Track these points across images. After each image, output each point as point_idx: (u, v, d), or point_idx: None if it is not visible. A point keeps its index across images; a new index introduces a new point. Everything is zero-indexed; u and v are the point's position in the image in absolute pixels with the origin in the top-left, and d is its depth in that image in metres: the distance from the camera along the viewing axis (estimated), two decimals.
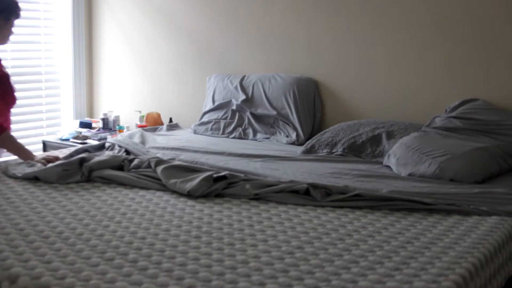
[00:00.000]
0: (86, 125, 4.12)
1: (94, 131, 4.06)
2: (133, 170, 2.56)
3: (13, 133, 2.78)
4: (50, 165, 2.58)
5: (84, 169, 2.53)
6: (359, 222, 2.03)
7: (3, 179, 2.49)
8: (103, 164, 2.57)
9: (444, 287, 1.51)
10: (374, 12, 3.38)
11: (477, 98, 3.06)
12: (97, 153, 2.92)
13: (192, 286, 1.50)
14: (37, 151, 3.79)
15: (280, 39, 3.70)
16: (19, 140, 2.78)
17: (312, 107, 3.54)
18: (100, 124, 4.14)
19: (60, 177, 2.48)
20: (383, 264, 1.65)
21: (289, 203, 2.24)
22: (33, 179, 2.51)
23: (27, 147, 2.85)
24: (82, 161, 2.58)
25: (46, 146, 4.04)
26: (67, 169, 2.52)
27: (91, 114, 4.55)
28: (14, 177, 2.53)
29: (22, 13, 2.72)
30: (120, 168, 2.59)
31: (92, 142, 3.70)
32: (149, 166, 2.56)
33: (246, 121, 3.64)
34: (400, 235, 1.90)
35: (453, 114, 2.99)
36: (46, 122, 4.33)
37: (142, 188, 2.42)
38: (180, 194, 2.33)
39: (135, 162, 2.61)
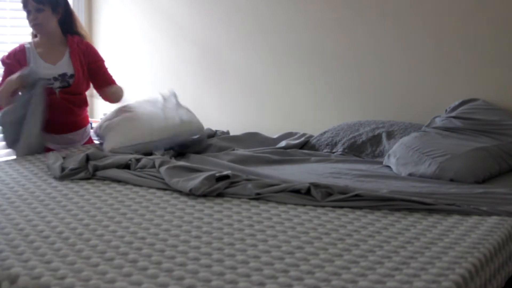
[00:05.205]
0: None
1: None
2: (138, 169, 2.57)
3: None
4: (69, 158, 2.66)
5: (89, 166, 2.55)
6: (359, 222, 2.03)
7: (3, 179, 2.49)
8: (109, 164, 2.59)
9: (444, 287, 1.51)
10: (373, 13, 3.38)
11: (477, 98, 3.06)
12: None
13: (192, 286, 1.50)
14: None
15: (282, 41, 3.70)
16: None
17: None
18: None
19: (64, 175, 2.51)
20: (383, 264, 1.65)
21: (289, 203, 2.24)
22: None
23: None
24: (88, 158, 2.62)
25: None
26: (74, 168, 2.54)
27: (91, 114, 4.54)
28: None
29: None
30: (127, 167, 2.61)
31: None
32: (154, 166, 2.57)
33: None
34: (400, 235, 1.90)
35: (453, 114, 2.99)
36: None
37: (143, 187, 2.42)
38: (180, 194, 2.33)
39: (142, 161, 2.62)
